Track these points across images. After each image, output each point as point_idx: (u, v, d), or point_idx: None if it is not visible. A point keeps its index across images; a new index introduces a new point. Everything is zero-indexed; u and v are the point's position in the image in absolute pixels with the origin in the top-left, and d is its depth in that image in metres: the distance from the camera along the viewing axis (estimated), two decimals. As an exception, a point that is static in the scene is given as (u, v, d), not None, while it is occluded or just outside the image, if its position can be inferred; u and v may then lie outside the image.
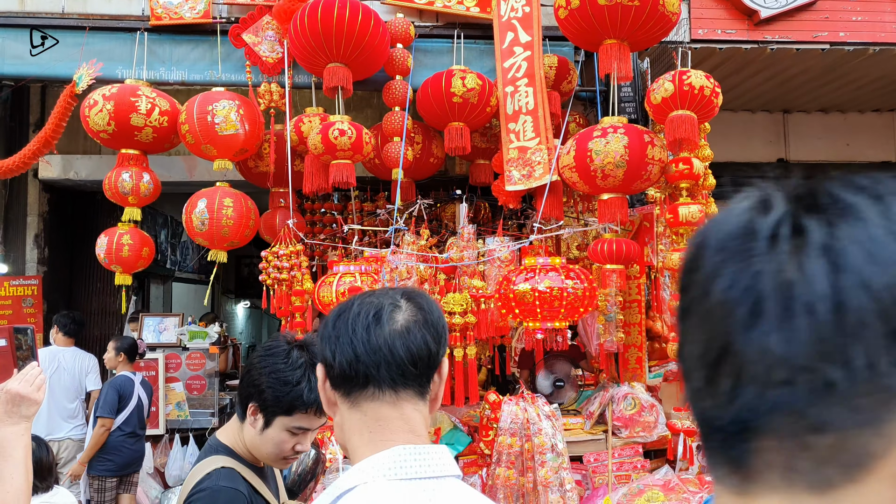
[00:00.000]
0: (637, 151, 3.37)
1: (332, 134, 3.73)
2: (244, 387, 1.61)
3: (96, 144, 6.17)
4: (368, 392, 1.08)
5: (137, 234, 4.23)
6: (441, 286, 3.75)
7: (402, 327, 1.09)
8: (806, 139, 7.03)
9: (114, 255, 4.15)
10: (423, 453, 1.06)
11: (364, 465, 1.05)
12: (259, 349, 1.64)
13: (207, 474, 1.51)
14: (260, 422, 1.57)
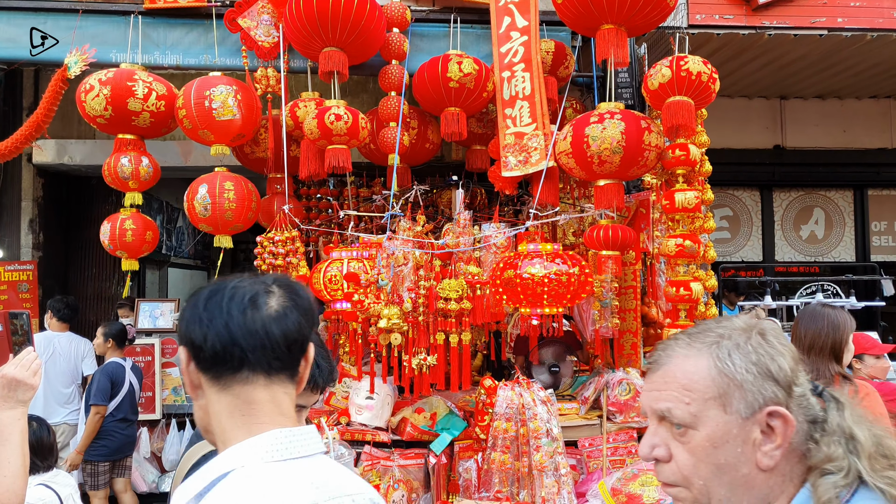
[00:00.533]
0: (634, 137, 3.37)
1: (328, 119, 3.71)
2: None
3: (91, 129, 6.14)
4: (242, 375, 1.08)
5: (140, 219, 4.22)
6: (437, 272, 3.75)
7: (277, 311, 1.10)
8: (802, 126, 7.03)
9: (118, 240, 4.14)
10: (295, 435, 1.08)
11: (238, 448, 1.05)
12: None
13: (203, 456, 1.49)
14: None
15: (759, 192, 7.28)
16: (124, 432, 5.02)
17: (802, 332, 3.05)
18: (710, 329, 1.12)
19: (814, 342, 2.97)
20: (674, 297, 3.58)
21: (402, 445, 3.88)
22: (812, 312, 3.11)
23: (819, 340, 2.97)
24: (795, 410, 1.06)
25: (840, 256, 7.24)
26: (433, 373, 3.73)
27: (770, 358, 1.07)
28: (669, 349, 1.13)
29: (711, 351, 1.08)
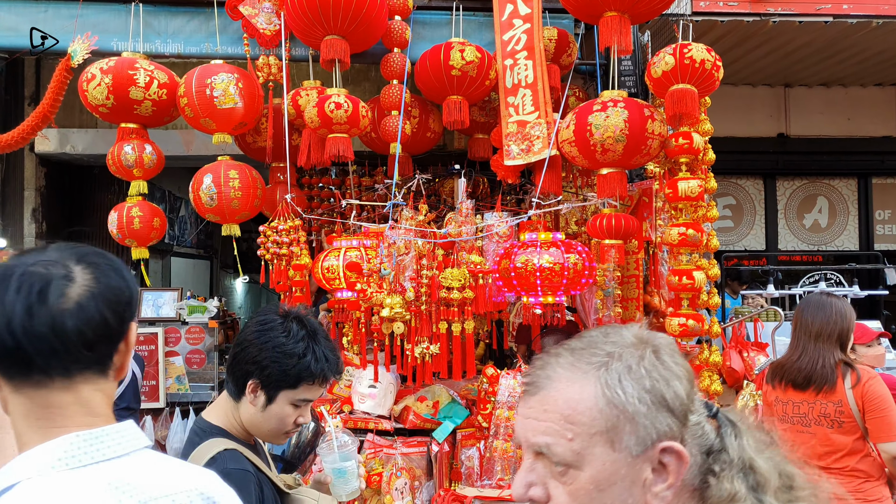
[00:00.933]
0: (637, 126, 3.35)
1: (328, 107, 3.70)
2: (240, 364, 1.54)
3: (93, 118, 6.13)
4: (34, 379, 0.92)
5: (147, 206, 4.22)
6: (439, 261, 3.75)
7: (74, 304, 0.92)
8: (807, 113, 6.99)
9: (126, 229, 4.14)
10: (100, 436, 0.94)
11: (27, 456, 0.92)
12: (251, 325, 1.57)
13: (212, 458, 1.44)
14: (262, 398, 1.52)
15: (762, 180, 7.25)
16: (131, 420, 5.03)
17: (810, 319, 3.06)
18: (598, 345, 0.96)
19: (822, 330, 2.99)
20: (676, 286, 3.58)
21: (404, 434, 3.89)
22: (818, 301, 3.13)
23: (827, 328, 2.98)
24: (690, 442, 0.93)
25: (843, 245, 7.23)
26: (436, 361, 3.73)
27: (665, 383, 0.93)
28: (550, 369, 0.96)
29: (599, 375, 0.92)
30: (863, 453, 2.91)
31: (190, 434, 1.60)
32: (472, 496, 3.23)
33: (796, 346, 3.10)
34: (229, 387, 1.59)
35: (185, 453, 1.55)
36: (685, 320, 3.51)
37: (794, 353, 3.10)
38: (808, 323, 3.05)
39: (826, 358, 2.96)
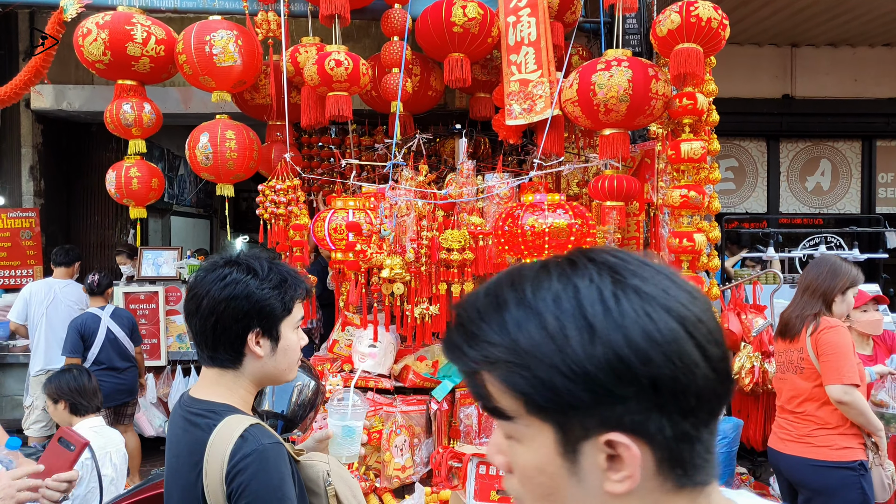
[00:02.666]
0: (641, 86, 3.30)
1: (328, 65, 3.64)
2: (230, 326, 1.41)
3: (89, 74, 6.04)
4: None
5: (145, 166, 4.19)
6: (439, 223, 3.74)
7: None
8: (813, 74, 6.89)
9: (124, 188, 4.12)
10: None
11: None
12: (212, 290, 1.42)
13: (241, 437, 1.34)
14: (268, 344, 1.45)
15: (765, 142, 7.19)
16: (113, 380, 4.97)
17: (805, 275, 3.22)
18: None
19: (810, 285, 3.13)
20: (677, 249, 3.57)
21: (404, 392, 3.94)
22: (821, 259, 3.26)
23: (814, 284, 3.11)
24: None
25: (845, 208, 7.20)
26: (435, 322, 3.75)
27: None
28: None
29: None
30: (822, 401, 2.98)
31: (187, 417, 1.44)
32: (470, 453, 3.28)
33: (792, 299, 3.26)
34: (219, 359, 1.45)
35: (187, 441, 1.41)
36: (685, 282, 3.52)
37: (787, 306, 3.27)
38: (804, 278, 3.21)
39: (804, 310, 3.10)
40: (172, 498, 1.45)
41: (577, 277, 0.67)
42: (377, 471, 3.71)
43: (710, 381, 0.66)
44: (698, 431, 0.68)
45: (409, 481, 3.71)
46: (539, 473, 0.70)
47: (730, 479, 3.31)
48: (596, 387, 0.63)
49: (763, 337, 4.13)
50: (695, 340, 0.66)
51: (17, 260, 6.65)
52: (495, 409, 0.70)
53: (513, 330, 0.66)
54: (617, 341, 0.63)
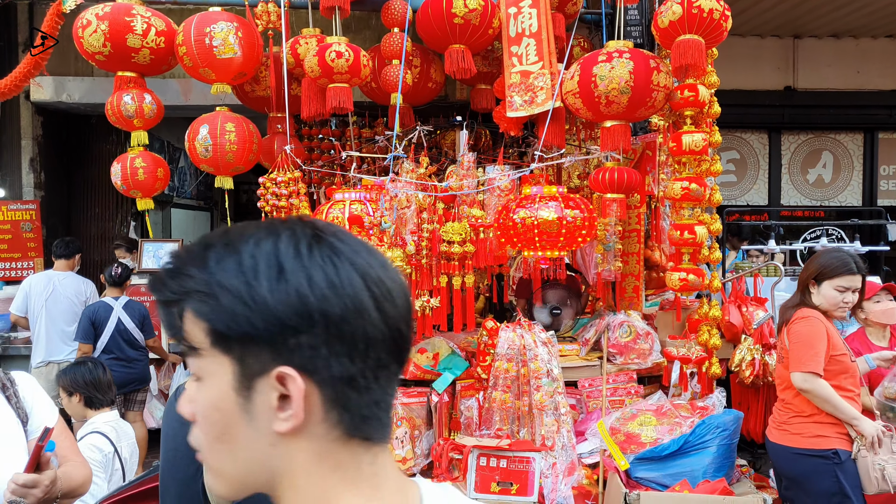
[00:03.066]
0: (642, 77, 3.29)
1: (329, 56, 3.63)
2: None
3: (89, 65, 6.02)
4: None
5: (150, 157, 4.18)
6: (440, 215, 3.74)
7: None
8: (815, 66, 6.86)
9: (130, 179, 4.11)
10: None
11: None
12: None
13: None
14: None
15: (767, 134, 7.17)
16: (123, 369, 5.04)
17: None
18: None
19: (800, 276, 3.22)
20: (678, 241, 3.57)
21: (405, 384, 3.94)
22: (818, 251, 3.33)
23: (802, 275, 3.17)
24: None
25: (846, 201, 7.19)
26: (436, 314, 3.76)
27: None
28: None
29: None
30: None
31: (178, 388, 1.49)
32: (470, 445, 3.28)
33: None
34: None
35: (188, 434, 1.42)
36: (686, 275, 3.52)
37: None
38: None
39: (791, 301, 3.18)
40: (169, 492, 1.44)
41: (282, 230, 0.73)
42: (378, 462, 3.72)
43: (381, 334, 0.71)
44: (367, 381, 0.71)
45: (409, 473, 3.72)
46: (215, 410, 0.73)
47: (730, 471, 3.32)
48: (273, 318, 0.68)
49: (764, 329, 4.13)
50: (371, 293, 0.71)
51: (18, 252, 6.65)
52: (187, 344, 0.73)
53: (212, 265, 0.71)
54: (299, 280, 0.69)
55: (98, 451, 3.07)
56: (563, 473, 3.55)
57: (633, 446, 3.40)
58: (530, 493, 3.20)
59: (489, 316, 4.23)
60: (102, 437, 3.14)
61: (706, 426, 3.30)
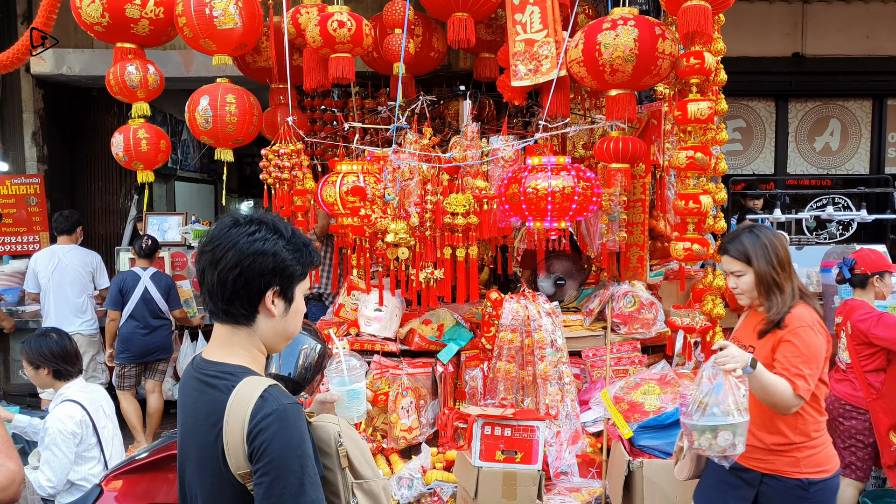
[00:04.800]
0: (647, 45, 3.24)
1: (331, 26, 3.59)
2: (251, 280, 1.42)
3: (88, 37, 5.98)
4: None
5: (152, 128, 4.16)
6: (444, 186, 3.72)
7: None
8: (824, 31, 6.74)
9: (133, 151, 4.09)
10: None
11: None
12: (235, 241, 1.43)
13: (261, 397, 1.34)
14: (281, 304, 1.47)
15: (774, 102, 7.08)
16: (146, 338, 5.22)
17: None
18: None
19: None
20: (682, 211, 3.55)
21: (410, 355, 3.97)
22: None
23: None
24: None
25: (854, 169, 7.12)
26: (440, 286, 3.76)
27: None
28: None
29: None
30: None
31: (203, 379, 1.44)
32: (475, 414, 3.32)
33: None
34: (234, 315, 1.45)
35: (204, 402, 1.42)
36: (690, 244, 3.51)
37: None
38: None
39: None
40: (189, 458, 1.47)
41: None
42: (384, 432, 3.76)
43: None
44: None
45: (415, 442, 3.77)
46: None
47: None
48: None
49: (768, 299, 4.13)
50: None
51: (24, 226, 6.67)
52: None
53: None
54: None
55: (69, 420, 3.08)
56: (566, 442, 3.59)
57: (636, 415, 3.43)
58: (534, 462, 3.24)
59: (493, 287, 4.24)
60: (74, 405, 3.14)
61: (709, 395, 3.32)
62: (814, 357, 2.28)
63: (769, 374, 2.21)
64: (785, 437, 2.33)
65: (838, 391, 3.74)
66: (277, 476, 1.30)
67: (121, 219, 7.39)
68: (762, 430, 2.33)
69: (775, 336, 2.34)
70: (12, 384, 6.30)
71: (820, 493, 2.31)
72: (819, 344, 2.31)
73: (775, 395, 2.20)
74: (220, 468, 1.36)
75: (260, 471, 1.31)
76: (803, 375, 2.23)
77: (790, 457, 2.32)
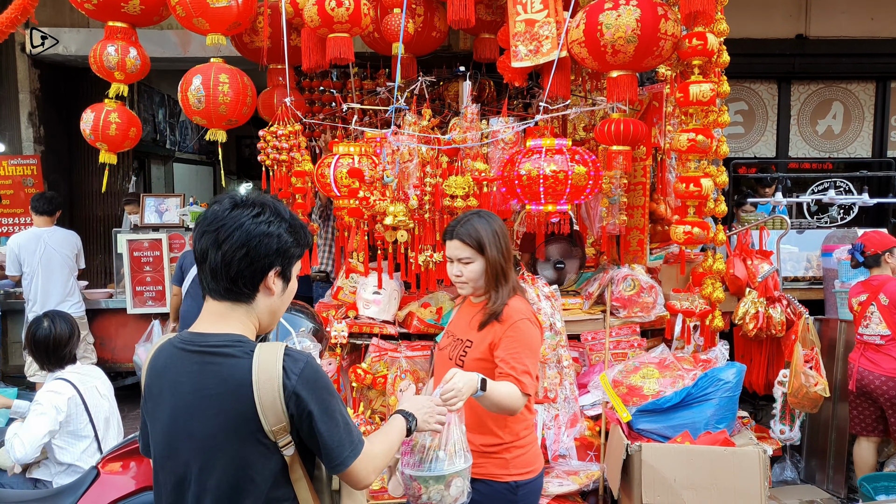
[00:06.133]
0: (649, 25, 3.20)
1: (329, 5, 3.53)
2: (256, 260, 1.46)
3: (84, 16, 5.91)
4: None
5: (125, 114, 4.12)
6: (443, 168, 3.69)
7: None
8: (828, 13, 6.67)
9: (100, 132, 4.07)
10: None
11: None
12: (240, 221, 1.47)
13: (286, 355, 1.43)
14: (280, 284, 1.53)
15: (776, 84, 7.03)
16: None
17: None
18: None
19: None
20: (683, 194, 3.53)
21: (408, 338, 3.96)
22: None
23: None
24: None
25: (856, 152, 7.09)
26: (439, 269, 3.75)
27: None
28: None
29: None
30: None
31: (207, 351, 1.46)
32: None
33: None
34: (236, 292, 1.49)
35: (211, 373, 1.44)
36: (690, 228, 3.49)
37: None
38: None
39: None
40: (194, 437, 1.45)
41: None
42: (382, 414, 3.76)
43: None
44: None
45: (414, 425, 3.77)
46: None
47: (731, 422, 3.35)
48: None
49: (768, 283, 4.12)
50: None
51: (21, 208, 6.65)
52: None
53: None
54: None
55: (55, 395, 3.06)
56: (565, 425, 3.59)
57: (635, 399, 3.42)
58: (533, 445, 3.24)
59: (493, 270, 4.21)
60: (64, 383, 3.12)
61: (708, 379, 3.31)
62: (535, 350, 2.19)
63: (498, 387, 2.04)
64: (496, 436, 2.20)
65: (885, 368, 3.87)
66: (331, 417, 1.46)
67: (118, 200, 7.36)
68: (471, 432, 2.11)
69: (494, 330, 2.19)
70: (10, 365, 6.31)
71: (528, 495, 2.21)
72: (537, 336, 2.22)
73: (507, 404, 2.06)
74: (249, 431, 1.41)
75: (310, 417, 1.44)
76: (528, 371, 2.12)
77: (500, 458, 2.19)
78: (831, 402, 4.28)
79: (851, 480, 4.24)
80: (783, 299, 4.14)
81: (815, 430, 4.51)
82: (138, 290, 5.84)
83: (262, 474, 1.44)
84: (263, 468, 1.44)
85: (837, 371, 4.35)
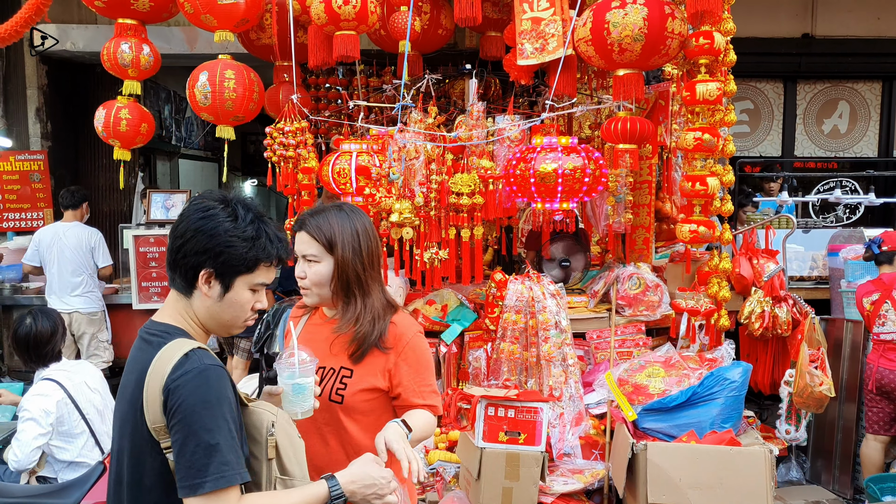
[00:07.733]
0: (656, 24, 3.20)
1: (336, 3, 3.54)
2: (188, 256, 1.44)
3: (92, 13, 5.92)
4: None
5: (137, 109, 4.14)
6: (449, 166, 3.70)
7: None
8: (835, 12, 6.64)
9: (112, 128, 4.09)
10: None
11: None
12: (190, 214, 1.46)
13: (185, 355, 1.37)
14: (217, 288, 1.46)
15: (782, 83, 7.00)
16: None
17: None
18: None
19: None
20: (689, 192, 3.53)
21: (413, 336, 3.96)
22: None
23: None
24: None
25: (862, 152, 7.06)
26: (445, 266, 3.75)
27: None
28: None
29: None
30: None
31: (144, 337, 1.48)
32: (479, 395, 3.32)
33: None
34: (176, 283, 1.49)
35: (140, 359, 1.44)
36: (696, 227, 3.49)
37: None
38: None
39: None
40: (118, 413, 1.49)
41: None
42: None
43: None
44: None
45: (418, 422, 3.77)
46: None
47: (737, 422, 3.35)
48: None
49: (774, 282, 4.12)
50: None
51: (28, 203, 6.67)
52: None
53: None
54: None
55: (42, 399, 3.04)
56: (570, 423, 3.60)
57: (640, 397, 3.43)
58: (538, 443, 3.25)
59: (498, 268, 4.23)
60: (51, 384, 3.10)
61: (714, 378, 3.31)
62: (432, 363, 1.95)
63: (418, 422, 1.79)
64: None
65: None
66: (191, 433, 1.32)
67: (125, 196, 7.38)
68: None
69: (384, 359, 1.86)
70: (15, 360, 6.34)
71: None
72: (428, 347, 1.97)
73: (428, 434, 1.87)
74: (142, 422, 1.38)
75: (175, 427, 1.33)
76: (435, 390, 1.91)
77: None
78: (837, 402, 4.27)
79: (857, 481, 4.24)
80: (789, 299, 4.14)
81: (820, 430, 4.50)
82: (144, 286, 5.85)
83: (149, 475, 1.39)
84: (151, 468, 1.39)
85: (843, 371, 4.34)
